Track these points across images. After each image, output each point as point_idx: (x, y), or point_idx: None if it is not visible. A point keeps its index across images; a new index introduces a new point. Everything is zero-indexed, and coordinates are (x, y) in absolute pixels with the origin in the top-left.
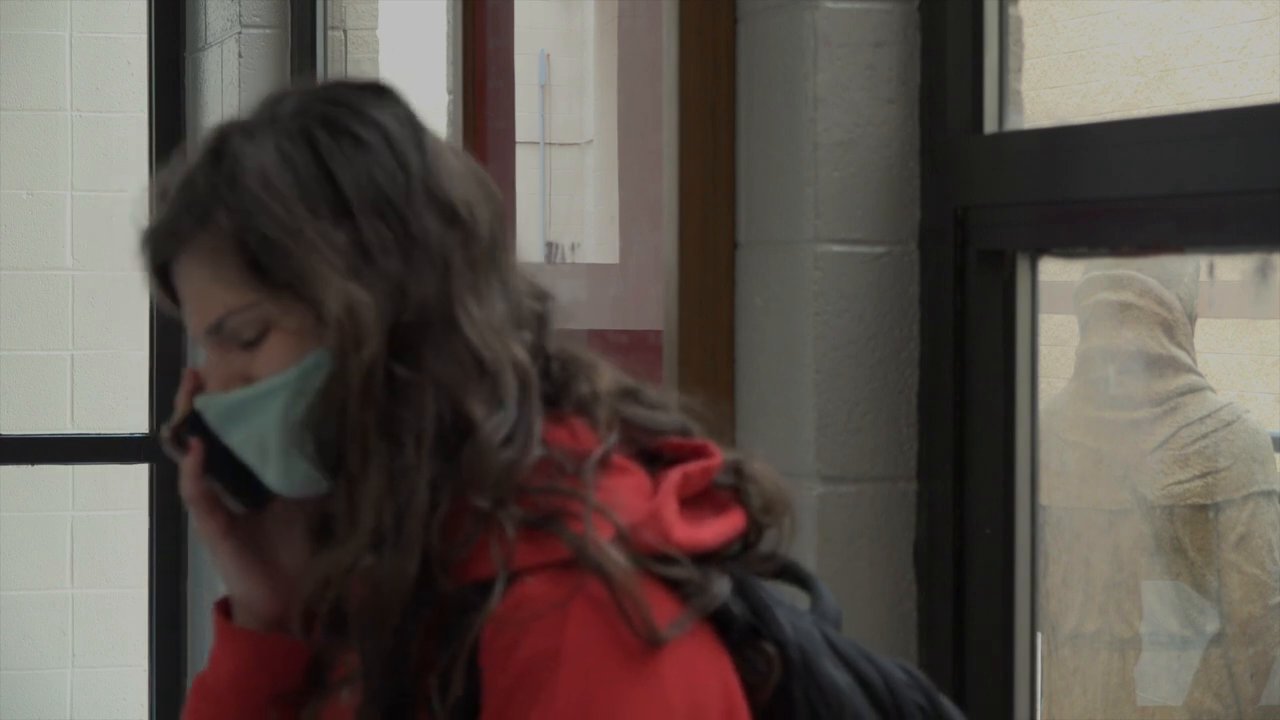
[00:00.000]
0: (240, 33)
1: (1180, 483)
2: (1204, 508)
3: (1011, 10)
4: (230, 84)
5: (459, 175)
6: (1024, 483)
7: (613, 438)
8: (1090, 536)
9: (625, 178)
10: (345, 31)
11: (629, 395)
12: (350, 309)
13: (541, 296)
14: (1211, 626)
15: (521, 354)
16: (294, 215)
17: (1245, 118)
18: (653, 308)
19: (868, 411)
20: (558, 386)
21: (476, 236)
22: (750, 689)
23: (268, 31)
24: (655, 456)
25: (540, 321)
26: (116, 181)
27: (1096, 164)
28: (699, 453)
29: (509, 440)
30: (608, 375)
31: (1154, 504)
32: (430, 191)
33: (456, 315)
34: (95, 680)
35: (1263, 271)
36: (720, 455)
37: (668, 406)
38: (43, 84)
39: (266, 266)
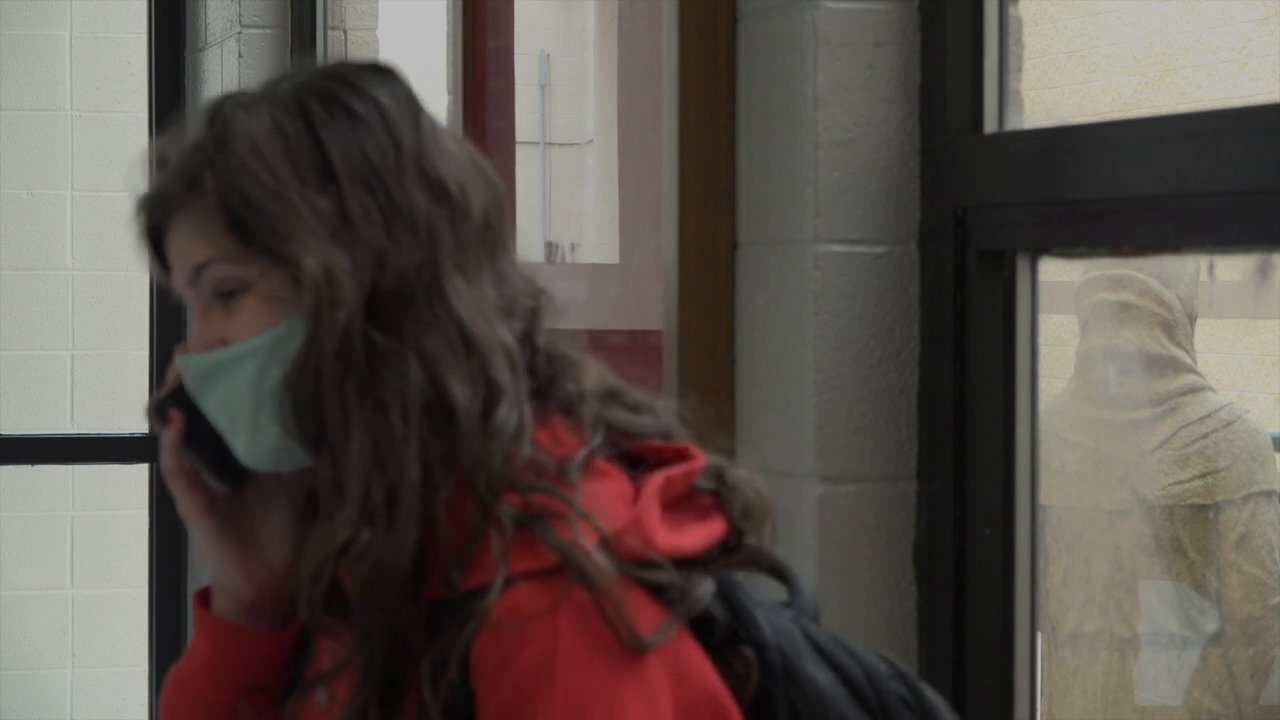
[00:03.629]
0: (240, 33)
1: (1180, 483)
2: (1204, 508)
3: (1011, 10)
4: (230, 84)
5: (454, 157)
6: (1024, 483)
7: (596, 440)
8: (1090, 536)
9: (625, 178)
10: (345, 31)
11: (613, 396)
12: (327, 271)
13: (535, 292)
14: (1211, 626)
15: (509, 339)
16: (279, 179)
17: (1245, 118)
18: (653, 308)
19: (868, 411)
20: (543, 382)
21: (468, 216)
22: (731, 692)
23: (268, 31)
24: (636, 459)
25: (532, 315)
26: (116, 181)
27: (1096, 164)
28: (681, 455)
29: (505, 424)
30: (594, 374)
31: (1154, 504)
32: (421, 168)
33: (443, 288)
34: (95, 680)
35: (1263, 271)
36: (702, 459)
37: (653, 408)
38: (43, 84)
39: (249, 228)
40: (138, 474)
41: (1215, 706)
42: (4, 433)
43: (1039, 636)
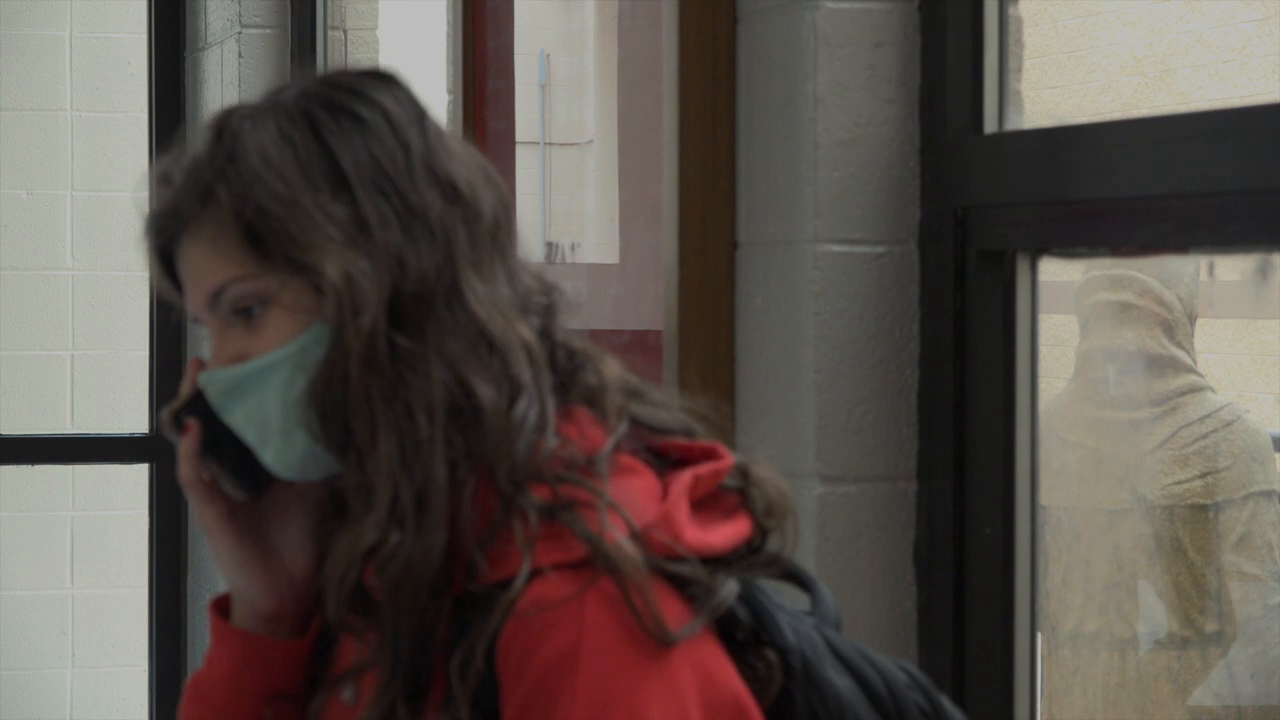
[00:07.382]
0: (240, 33)
1: (1180, 483)
2: (1204, 508)
3: (1011, 10)
4: (230, 84)
5: (461, 157)
6: (1024, 483)
7: (622, 427)
8: (1090, 536)
9: (625, 178)
10: (345, 31)
11: (634, 393)
12: (348, 277)
13: (548, 289)
14: (1211, 626)
15: (529, 335)
16: (291, 188)
17: (1245, 118)
18: (653, 308)
19: (868, 411)
20: (565, 376)
21: (479, 215)
22: (752, 694)
23: (268, 31)
24: (662, 456)
25: (547, 311)
26: (116, 181)
27: (1096, 164)
28: (708, 454)
29: (526, 418)
30: (614, 368)
31: (1154, 504)
32: (431, 169)
33: (461, 288)
34: (95, 680)
35: (1263, 271)
36: (730, 458)
37: (671, 406)
38: (43, 84)
39: (265, 239)
40: (138, 474)
41: (1215, 706)
42: (4, 433)
43: (1039, 636)
